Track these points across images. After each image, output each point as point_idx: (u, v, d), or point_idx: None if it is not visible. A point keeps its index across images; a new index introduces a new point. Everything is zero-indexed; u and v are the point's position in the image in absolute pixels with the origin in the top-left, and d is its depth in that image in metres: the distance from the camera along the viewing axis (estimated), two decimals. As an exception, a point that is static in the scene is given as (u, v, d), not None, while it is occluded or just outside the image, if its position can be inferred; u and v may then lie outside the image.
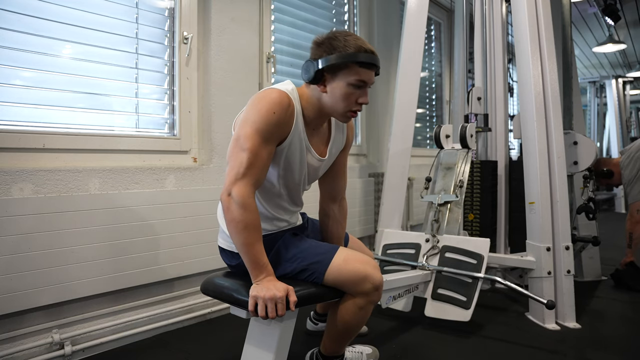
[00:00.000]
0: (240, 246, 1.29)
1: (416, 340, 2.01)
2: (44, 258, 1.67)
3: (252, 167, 1.29)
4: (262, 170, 1.33)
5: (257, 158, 1.30)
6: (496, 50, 2.87)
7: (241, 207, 1.26)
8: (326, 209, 1.70)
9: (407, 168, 2.71)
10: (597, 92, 8.62)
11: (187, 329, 2.14)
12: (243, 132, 1.30)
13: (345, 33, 1.39)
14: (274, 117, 1.31)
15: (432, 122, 4.63)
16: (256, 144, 1.29)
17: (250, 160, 1.28)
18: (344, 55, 1.34)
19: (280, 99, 1.33)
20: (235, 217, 1.27)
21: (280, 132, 1.35)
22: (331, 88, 1.38)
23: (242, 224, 1.27)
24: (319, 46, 1.38)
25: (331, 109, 1.42)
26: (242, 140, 1.30)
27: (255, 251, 1.29)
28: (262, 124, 1.30)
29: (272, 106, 1.31)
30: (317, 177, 1.60)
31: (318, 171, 1.57)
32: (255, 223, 1.29)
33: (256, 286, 1.28)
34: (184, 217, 2.11)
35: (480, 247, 2.12)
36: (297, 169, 1.46)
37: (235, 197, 1.27)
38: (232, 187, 1.27)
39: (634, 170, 2.85)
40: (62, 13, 1.85)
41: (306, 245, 1.47)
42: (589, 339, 2.02)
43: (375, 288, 1.41)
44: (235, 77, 2.41)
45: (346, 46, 1.34)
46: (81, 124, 1.93)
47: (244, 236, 1.28)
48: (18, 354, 1.64)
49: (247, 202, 1.27)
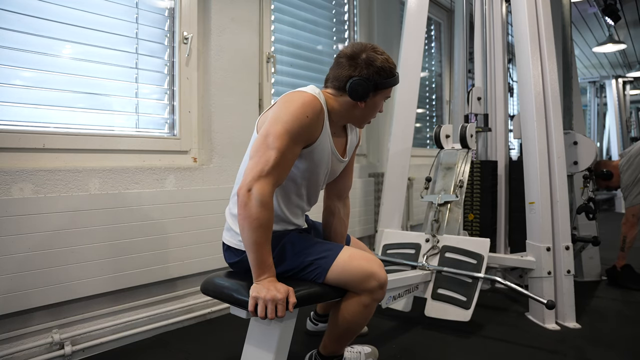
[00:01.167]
0: (251, 244, 1.29)
1: (416, 340, 2.01)
2: (44, 258, 1.67)
3: (278, 166, 1.30)
4: (285, 171, 1.35)
5: (284, 158, 1.31)
6: (496, 50, 2.87)
7: (260, 204, 1.27)
8: (332, 207, 1.73)
9: (407, 168, 2.71)
10: (597, 92, 8.62)
11: (187, 329, 2.14)
12: (273, 130, 1.31)
13: (376, 49, 1.45)
14: (306, 120, 1.34)
15: (432, 122, 4.63)
16: (285, 144, 1.31)
17: (277, 160, 1.29)
18: (395, 79, 1.47)
19: (314, 103, 1.37)
20: (252, 214, 1.27)
21: (309, 135, 1.38)
22: (371, 103, 1.47)
23: (257, 222, 1.27)
24: (354, 61, 1.42)
25: (359, 118, 1.52)
26: (272, 139, 1.30)
27: (263, 251, 1.30)
28: (294, 126, 1.32)
29: (306, 109, 1.34)
30: (334, 177, 1.64)
31: (337, 172, 1.61)
32: (269, 223, 1.30)
33: (256, 286, 1.28)
34: (184, 217, 2.11)
35: (480, 247, 2.12)
36: (322, 170, 1.50)
37: (256, 194, 1.27)
38: (255, 184, 1.27)
39: (633, 175, 2.85)
40: (62, 13, 1.85)
41: (312, 242, 1.49)
42: (589, 339, 2.02)
43: (380, 286, 1.42)
44: (235, 77, 2.41)
45: (392, 69, 1.45)
46: (81, 124, 1.93)
47: (257, 234, 1.28)
48: (18, 354, 1.64)
49: (266, 200, 1.28)
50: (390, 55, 1.49)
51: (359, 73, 1.41)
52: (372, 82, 1.41)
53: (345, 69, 1.43)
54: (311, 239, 1.52)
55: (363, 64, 1.41)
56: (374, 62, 1.41)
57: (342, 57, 1.45)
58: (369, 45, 1.45)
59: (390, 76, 1.45)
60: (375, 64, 1.41)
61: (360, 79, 1.40)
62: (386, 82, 1.44)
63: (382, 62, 1.42)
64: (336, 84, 1.45)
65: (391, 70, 1.45)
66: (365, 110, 1.48)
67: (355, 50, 1.43)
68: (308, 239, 1.51)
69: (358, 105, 1.45)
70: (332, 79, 1.46)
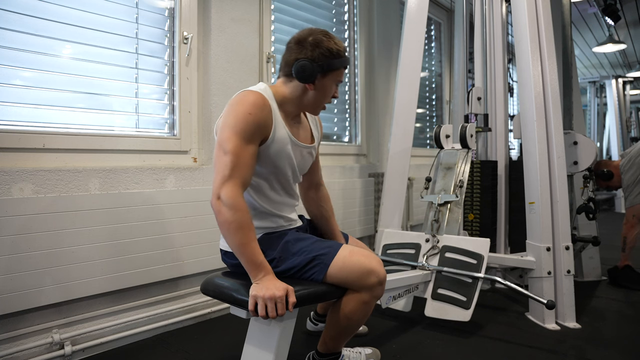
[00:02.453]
0: (236, 247, 1.31)
1: (416, 340, 2.01)
2: (44, 258, 1.67)
3: (236, 167, 1.32)
4: (246, 170, 1.35)
5: (239, 158, 1.33)
6: (496, 50, 2.87)
7: (231, 208, 1.28)
8: (305, 197, 1.80)
9: (407, 168, 2.71)
10: (597, 92, 8.62)
11: (187, 329, 2.14)
12: (224, 137, 1.35)
13: (325, 33, 1.47)
14: (250, 117, 1.35)
15: (432, 122, 4.63)
16: (237, 145, 1.33)
17: (233, 162, 1.32)
18: (342, 60, 1.47)
19: (255, 99, 1.38)
20: (227, 219, 1.29)
21: (260, 131, 1.39)
22: (320, 86, 1.48)
23: (234, 225, 1.29)
24: (302, 45, 1.45)
25: (312, 103, 1.52)
26: (224, 144, 1.34)
27: (250, 250, 1.31)
28: (240, 126, 1.34)
29: (247, 107, 1.36)
30: (306, 166, 1.64)
31: (306, 160, 1.62)
32: (247, 222, 1.31)
33: (256, 286, 1.29)
34: (184, 217, 2.11)
35: (480, 247, 2.12)
36: (286, 162, 1.50)
37: (225, 199, 1.29)
38: (221, 190, 1.30)
39: (634, 175, 2.85)
40: (62, 13, 1.85)
41: (312, 240, 1.50)
42: (589, 339, 2.02)
43: (380, 282, 1.43)
44: (235, 77, 2.41)
45: (338, 50, 1.46)
46: (81, 124, 1.93)
47: (238, 237, 1.30)
48: (18, 354, 1.64)
49: (236, 202, 1.29)
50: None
51: (305, 55, 1.43)
52: (317, 63, 1.43)
53: (292, 53, 1.46)
54: (310, 237, 1.53)
55: (309, 46, 1.43)
56: (320, 43, 1.43)
57: (290, 42, 1.48)
58: (318, 29, 1.48)
59: (337, 57, 1.45)
60: (322, 45, 1.43)
61: (305, 61, 1.42)
62: (332, 62, 1.44)
63: (329, 44, 1.44)
64: (286, 69, 1.48)
65: (338, 52, 1.45)
66: (316, 94, 1.49)
67: (303, 35, 1.47)
68: (307, 237, 1.52)
69: (307, 88, 1.47)
70: (283, 65, 1.50)
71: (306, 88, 1.47)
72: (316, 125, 1.69)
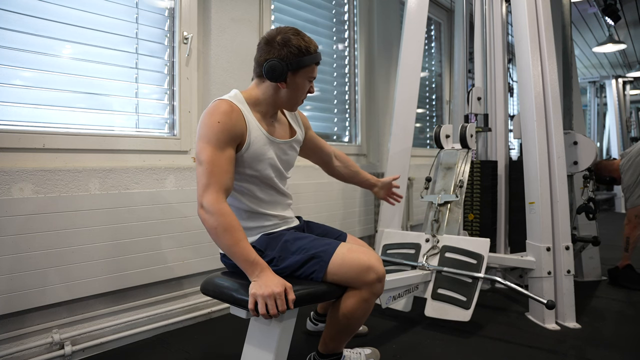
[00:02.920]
0: (227, 248, 1.33)
1: (416, 340, 2.01)
2: (44, 258, 1.67)
3: (213, 175, 1.34)
4: (223, 175, 1.37)
5: (214, 166, 1.35)
6: (496, 50, 2.87)
7: (214, 213, 1.31)
8: (331, 170, 1.96)
9: (407, 168, 2.71)
10: (597, 92, 8.62)
11: (187, 329, 2.14)
12: (198, 148, 1.39)
13: (295, 31, 1.48)
14: (218, 126, 1.38)
15: (432, 122, 4.63)
16: (210, 153, 1.36)
17: (209, 170, 1.34)
18: (312, 57, 1.47)
19: (222, 108, 1.41)
20: (212, 224, 1.31)
21: (232, 137, 1.41)
22: (292, 84, 1.49)
23: (220, 228, 1.31)
24: (270, 45, 1.46)
25: (287, 101, 1.54)
26: (199, 156, 1.38)
27: (240, 249, 1.32)
28: (209, 135, 1.37)
29: (214, 117, 1.39)
30: (291, 162, 1.65)
31: (289, 155, 1.63)
32: (233, 224, 1.32)
33: (254, 283, 1.30)
34: (184, 217, 2.11)
35: (480, 247, 2.12)
36: (266, 163, 1.51)
37: (207, 206, 1.32)
38: (202, 199, 1.33)
39: (634, 176, 2.85)
40: (62, 13, 1.85)
41: (310, 238, 1.51)
42: (589, 339, 2.02)
43: (379, 279, 1.43)
44: (235, 77, 2.41)
45: (307, 47, 1.46)
46: (81, 124, 1.93)
47: (226, 238, 1.31)
48: (18, 354, 1.64)
49: (219, 207, 1.32)
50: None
51: (274, 54, 1.44)
52: (286, 62, 1.43)
53: (262, 53, 1.48)
54: (309, 236, 1.53)
55: (277, 45, 1.44)
56: (288, 42, 1.44)
57: (260, 42, 1.50)
58: (287, 28, 1.49)
59: (307, 54, 1.46)
60: (289, 44, 1.44)
61: (274, 60, 1.43)
62: (302, 60, 1.45)
63: (297, 42, 1.44)
64: (257, 70, 1.50)
65: (307, 49, 1.46)
66: (289, 92, 1.50)
67: (272, 34, 1.48)
68: (305, 236, 1.53)
69: (280, 87, 1.48)
70: (255, 66, 1.52)
71: (279, 87, 1.49)
72: (295, 118, 1.70)
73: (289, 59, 1.44)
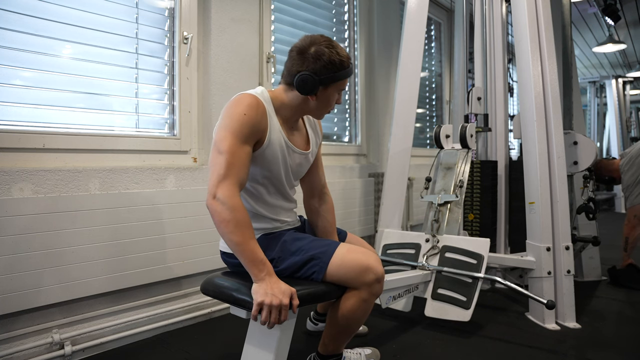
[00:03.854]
0: (235, 246, 1.29)
1: (416, 340, 2.01)
2: (44, 258, 1.67)
3: (232, 167, 1.31)
4: (242, 169, 1.35)
5: (235, 157, 1.32)
6: (496, 50, 2.87)
7: (228, 207, 1.27)
8: (309, 206, 1.76)
9: (407, 168, 2.71)
10: (597, 92, 8.62)
11: (187, 329, 2.14)
12: (219, 137, 1.35)
13: (328, 42, 1.44)
14: (244, 118, 1.36)
15: (432, 122, 4.63)
16: (232, 144, 1.33)
17: (229, 161, 1.31)
18: (345, 72, 1.45)
19: (249, 101, 1.39)
20: (225, 218, 1.27)
21: (255, 132, 1.39)
22: (322, 97, 1.47)
23: (232, 223, 1.27)
24: (303, 56, 1.42)
25: (314, 111, 1.53)
26: (219, 144, 1.34)
27: (250, 248, 1.29)
28: (234, 126, 1.34)
29: (241, 108, 1.37)
30: (302, 172, 1.64)
31: (302, 166, 1.61)
32: (245, 220, 1.30)
33: (259, 288, 1.27)
34: (184, 217, 2.11)
35: (480, 247, 2.12)
36: (281, 166, 1.50)
37: (221, 198, 1.28)
38: (217, 189, 1.29)
39: (634, 176, 2.85)
40: (62, 13, 1.85)
41: (310, 239, 1.50)
42: (589, 339, 2.02)
43: (378, 280, 1.43)
44: (235, 77, 2.41)
45: (342, 61, 1.43)
46: (81, 124, 1.93)
47: (237, 235, 1.28)
48: (18, 354, 1.64)
49: (234, 201, 1.29)
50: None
51: (307, 67, 1.41)
52: (319, 77, 1.41)
53: (294, 63, 1.44)
54: (308, 237, 1.53)
55: (311, 58, 1.41)
56: (322, 56, 1.41)
57: (293, 51, 1.47)
58: (321, 38, 1.45)
59: (340, 69, 1.43)
60: (323, 58, 1.41)
61: (307, 74, 1.41)
62: (334, 75, 1.43)
63: (331, 56, 1.41)
64: (287, 79, 1.47)
65: (341, 63, 1.43)
66: (318, 104, 1.48)
67: (305, 44, 1.44)
68: (304, 236, 1.52)
69: (309, 99, 1.46)
70: (285, 73, 1.49)
71: (308, 98, 1.46)
72: (315, 129, 1.68)
73: (322, 73, 1.41)
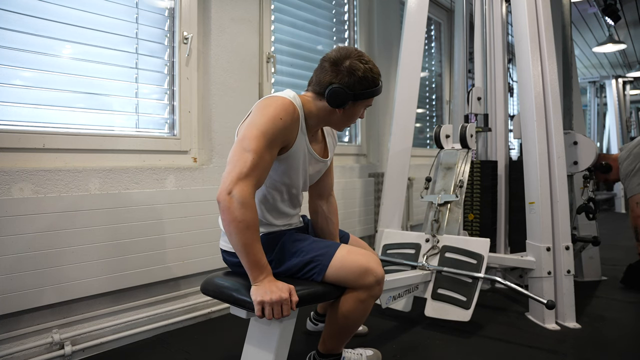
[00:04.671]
0: (241, 247, 1.28)
1: (416, 340, 2.01)
2: (44, 258, 1.67)
3: (256, 168, 1.29)
4: (263, 172, 1.34)
5: (261, 160, 1.30)
6: (496, 50, 2.87)
7: (243, 206, 1.25)
8: (315, 207, 1.74)
9: (407, 168, 2.71)
10: (597, 92, 8.62)
11: (187, 329, 2.14)
12: (249, 134, 1.31)
13: (361, 57, 1.43)
14: (280, 122, 1.34)
15: (432, 122, 4.63)
16: (261, 146, 1.30)
17: (254, 161, 1.29)
18: (377, 90, 1.47)
19: (287, 106, 1.37)
20: (237, 217, 1.25)
21: (285, 138, 1.38)
22: (350, 111, 1.48)
23: (243, 224, 1.25)
24: (337, 68, 1.41)
25: (337, 124, 1.53)
26: (247, 142, 1.30)
27: (255, 251, 1.29)
28: (268, 128, 1.32)
29: (279, 112, 1.34)
30: (317, 178, 1.64)
31: (319, 173, 1.62)
32: (255, 223, 1.29)
33: (258, 289, 1.28)
34: (184, 217, 2.11)
35: (480, 247, 2.12)
36: (300, 173, 1.50)
37: (237, 196, 1.25)
38: (234, 187, 1.26)
39: (632, 164, 2.84)
40: (62, 13, 1.85)
41: (310, 240, 1.50)
42: (589, 339, 2.02)
43: (377, 282, 1.42)
44: (235, 77, 2.41)
45: (374, 79, 1.44)
46: (81, 124, 1.93)
47: (245, 236, 1.26)
48: (18, 354, 1.64)
49: (248, 201, 1.27)
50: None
51: (340, 80, 1.40)
52: (352, 92, 1.41)
53: (327, 74, 1.42)
54: (308, 238, 1.53)
55: (345, 71, 1.40)
56: (356, 71, 1.40)
57: (326, 61, 1.44)
58: (355, 52, 1.43)
59: (373, 86, 1.44)
60: (357, 74, 1.40)
61: (340, 87, 1.40)
62: (366, 92, 1.43)
63: (365, 72, 1.41)
64: (317, 88, 1.45)
65: (374, 80, 1.43)
66: (343, 117, 1.48)
67: (340, 56, 1.42)
68: (305, 237, 1.52)
69: (336, 111, 1.46)
70: (314, 83, 1.47)
71: (335, 111, 1.46)
72: (333, 137, 1.68)
73: (355, 88, 1.41)
